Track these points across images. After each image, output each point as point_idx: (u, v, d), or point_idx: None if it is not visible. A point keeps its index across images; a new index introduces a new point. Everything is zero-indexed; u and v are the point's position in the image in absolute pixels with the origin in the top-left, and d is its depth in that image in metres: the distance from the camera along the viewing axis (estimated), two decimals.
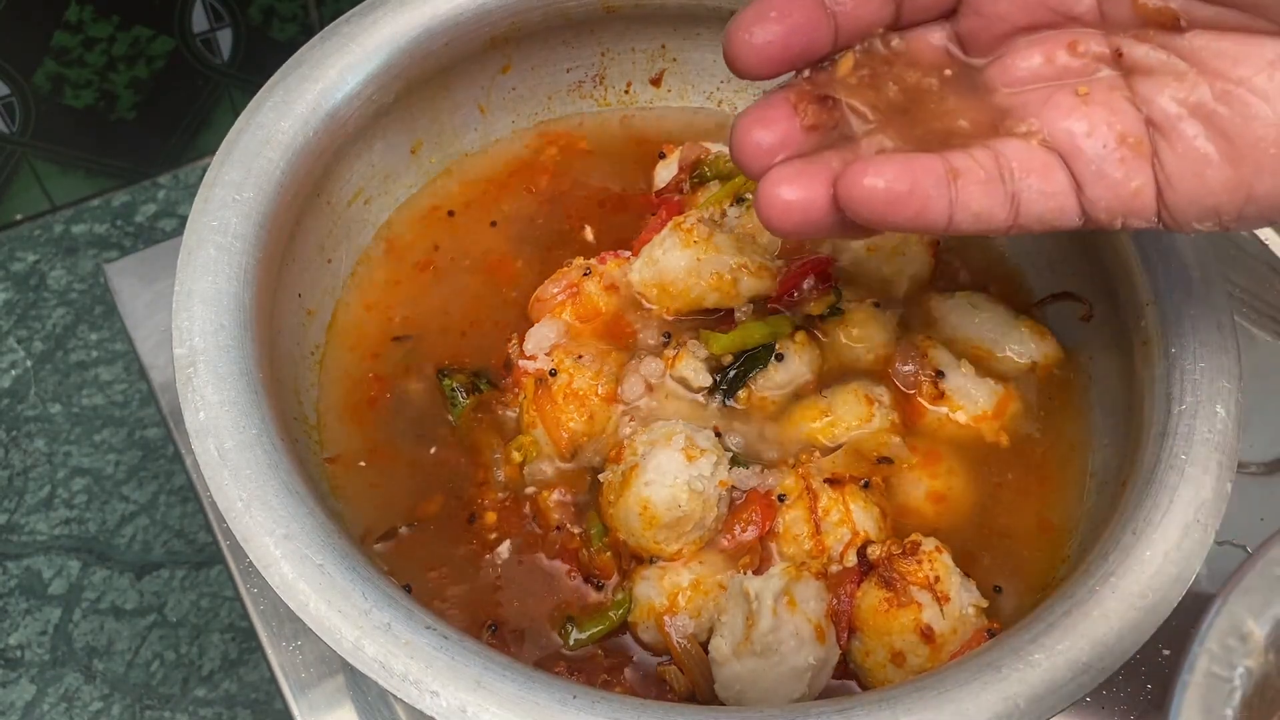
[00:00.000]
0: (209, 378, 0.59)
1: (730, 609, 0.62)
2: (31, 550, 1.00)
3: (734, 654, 0.61)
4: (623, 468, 0.66)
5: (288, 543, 0.55)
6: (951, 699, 0.53)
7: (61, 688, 0.94)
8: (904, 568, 0.63)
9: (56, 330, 1.11)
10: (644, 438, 0.67)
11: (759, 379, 0.72)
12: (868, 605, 0.63)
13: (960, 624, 0.62)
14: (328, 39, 0.73)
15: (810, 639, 0.61)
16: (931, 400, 0.72)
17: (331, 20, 0.74)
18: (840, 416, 0.71)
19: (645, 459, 0.65)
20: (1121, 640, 0.55)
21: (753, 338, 0.72)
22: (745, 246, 0.73)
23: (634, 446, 0.66)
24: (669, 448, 0.64)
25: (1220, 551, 0.82)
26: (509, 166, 0.85)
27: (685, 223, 0.73)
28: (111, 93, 1.11)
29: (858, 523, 0.65)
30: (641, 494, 0.63)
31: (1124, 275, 0.71)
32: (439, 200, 0.82)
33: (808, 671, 0.61)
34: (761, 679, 0.60)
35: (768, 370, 0.72)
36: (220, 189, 0.66)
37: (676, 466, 0.64)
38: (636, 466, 0.64)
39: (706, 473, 0.64)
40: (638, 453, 0.65)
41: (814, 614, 0.62)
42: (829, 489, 0.66)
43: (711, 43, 0.85)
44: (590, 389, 0.70)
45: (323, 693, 0.75)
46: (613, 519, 0.66)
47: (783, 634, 0.60)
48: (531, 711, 0.51)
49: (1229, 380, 0.64)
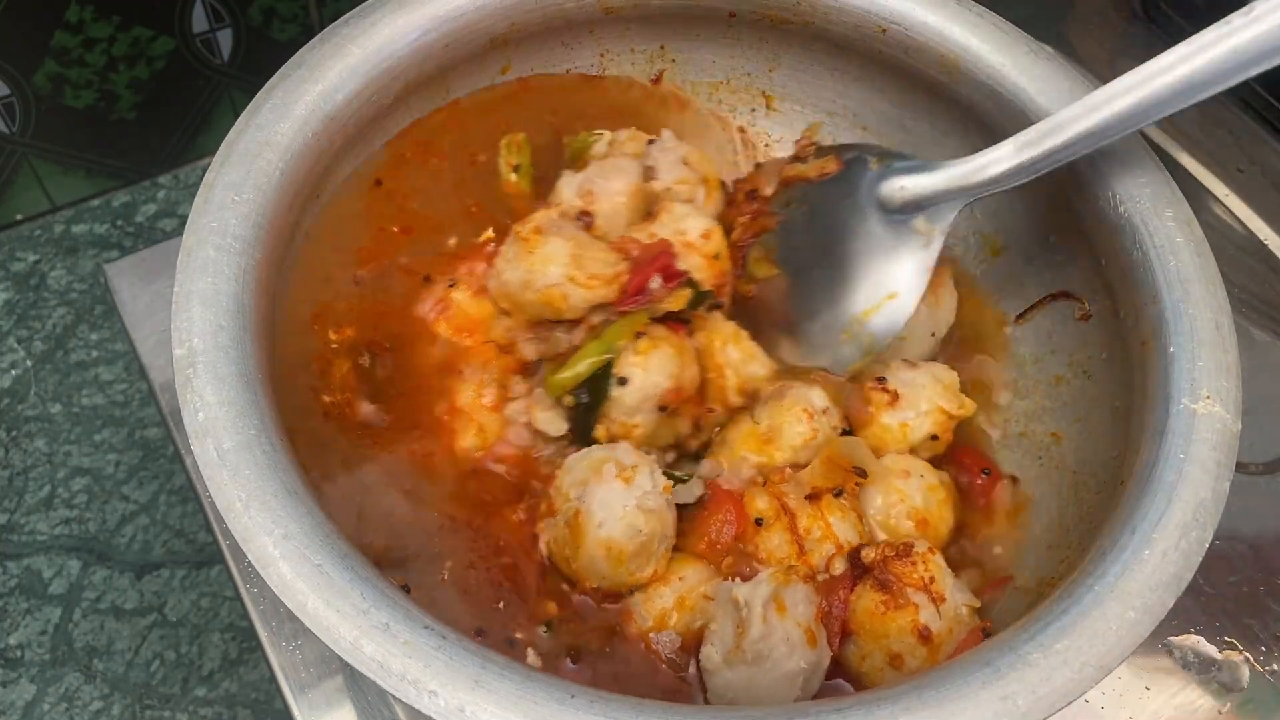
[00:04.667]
0: (208, 378, 0.59)
1: (719, 617, 0.62)
2: (31, 550, 1.00)
3: (725, 662, 0.60)
4: (563, 519, 0.63)
5: (286, 543, 0.55)
6: (950, 699, 0.53)
7: (61, 688, 0.94)
8: (899, 569, 0.62)
9: (56, 330, 1.11)
10: (569, 479, 0.64)
11: (610, 409, 0.67)
12: (863, 608, 0.62)
13: (955, 624, 0.62)
14: (327, 40, 0.73)
15: (801, 643, 0.61)
16: (887, 406, 0.71)
17: (332, 21, 0.74)
18: (783, 441, 0.69)
19: (584, 501, 0.63)
20: (1120, 640, 0.55)
21: (584, 362, 0.66)
22: (585, 251, 0.68)
23: (563, 492, 0.64)
24: (603, 481, 0.63)
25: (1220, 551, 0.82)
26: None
27: (524, 230, 0.70)
28: (112, 93, 1.11)
29: (840, 535, 0.65)
30: (600, 537, 0.62)
31: (1123, 274, 0.71)
32: None
33: (799, 676, 0.60)
34: (754, 686, 0.60)
35: (614, 398, 0.67)
36: (220, 190, 0.66)
37: (619, 496, 0.62)
38: (579, 512, 0.62)
39: (649, 486, 0.63)
40: (570, 497, 0.63)
41: (803, 618, 0.61)
42: (808, 506, 0.66)
43: (711, 43, 0.85)
44: (474, 404, 0.68)
45: (323, 693, 0.75)
46: (579, 572, 0.64)
47: (774, 640, 0.60)
48: (530, 711, 0.51)
49: (1228, 379, 0.64)
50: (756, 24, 0.83)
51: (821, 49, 0.83)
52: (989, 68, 0.77)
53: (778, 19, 0.82)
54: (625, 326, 0.67)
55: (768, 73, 0.87)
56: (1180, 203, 0.70)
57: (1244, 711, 0.76)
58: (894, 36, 0.79)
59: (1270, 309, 0.95)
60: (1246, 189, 1.02)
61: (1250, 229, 1.00)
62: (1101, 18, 1.14)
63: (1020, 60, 0.77)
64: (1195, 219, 0.70)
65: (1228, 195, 1.02)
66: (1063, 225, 0.77)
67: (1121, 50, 1.11)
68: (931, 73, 0.80)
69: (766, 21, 0.83)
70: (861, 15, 0.80)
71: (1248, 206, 1.01)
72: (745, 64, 0.87)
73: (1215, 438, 0.62)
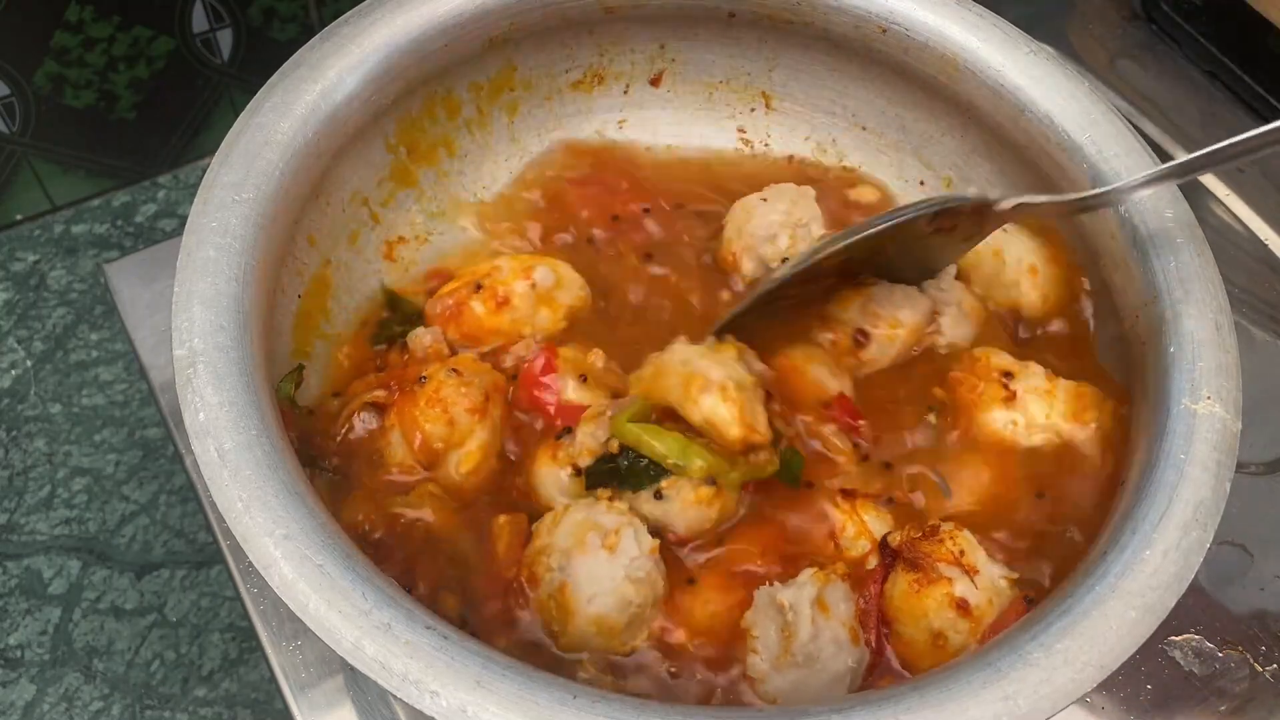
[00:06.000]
0: (209, 378, 0.59)
1: (761, 623, 0.61)
2: (31, 550, 1.00)
3: (774, 668, 0.60)
4: (548, 590, 0.61)
5: (287, 543, 0.55)
6: (951, 698, 0.53)
7: (61, 688, 0.93)
8: (927, 548, 0.62)
9: (56, 330, 1.11)
10: (554, 544, 0.62)
11: (626, 494, 0.64)
12: (899, 592, 0.62)
13: (995, 595, 0.61)
14: (327, 40, 0.73)
15: (847, 643, 0.61)
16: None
17: (332, 21, 0.74)
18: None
19: (570, 574, 0.61)
20: (1121, 640, 0.55)
21: (663, 444, 0.63)
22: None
23: (545, 563, 0.62)
24: (587, 553, 0.61)
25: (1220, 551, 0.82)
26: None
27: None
28: (112, 93, 1.11)
29: (874, 531, 0.65)
30: (590, 613, 0.60)
31: (1122, 274, 0.71)
32: None
33: (847, 675, 0.60)
34: (804, 688, 0.60)
35: (638, 494, 0.64)
36: (219, 190, 0.66)
37: (606, 568, 0.61)
38: (566, 586, 0.61)
39: (635, 552, 0.61)
40: (553, 568, 0.62)
41: (846, 616, 0.61)
42: (841, 503, 0.66)
43: (710, 43, 0.85)
44: (455, 398, 0.67)
45: (323, 693, 0.75)
46: (570, 646, 0.62)
47: (822, 641, 0.60)
48: (531, 711, 0.51)
49: (1228, 379, 0.64)
50: (756, 24, 0.83)
51: (821, 49, 0.83)
52: (989, 67, 0.77)
53: (777, 19, 0.82)
54: (726, 464, 0.64)
55: (767, 73, 0.87)
56: (1180, 203, 0.70)
57: (1244, 711, 0.76)
58: (894, 36, 0.79)
59: (1270, 309, 0.95)
60: (1246, 189, 1.02)
61: (1250, 229, 1.00)
62: (1101, 18, 1.14)
63: (1020, 60, 0.77)
64: (1195, 219, 0.70)
65: (1228, 195, 1.02)
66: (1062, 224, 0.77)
67: (1121, 50, 1.11)
68: (931, 73, 0.80)
69: (766, 21, 0.83)
70: (861, 15, 0.80)
71: (1248, 206, 1.01)
72: (745, 64, 0.87)
73: (1215, 437, 0.62)
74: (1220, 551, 0.82)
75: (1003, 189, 0.80)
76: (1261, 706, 0.77)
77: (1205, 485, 0.60)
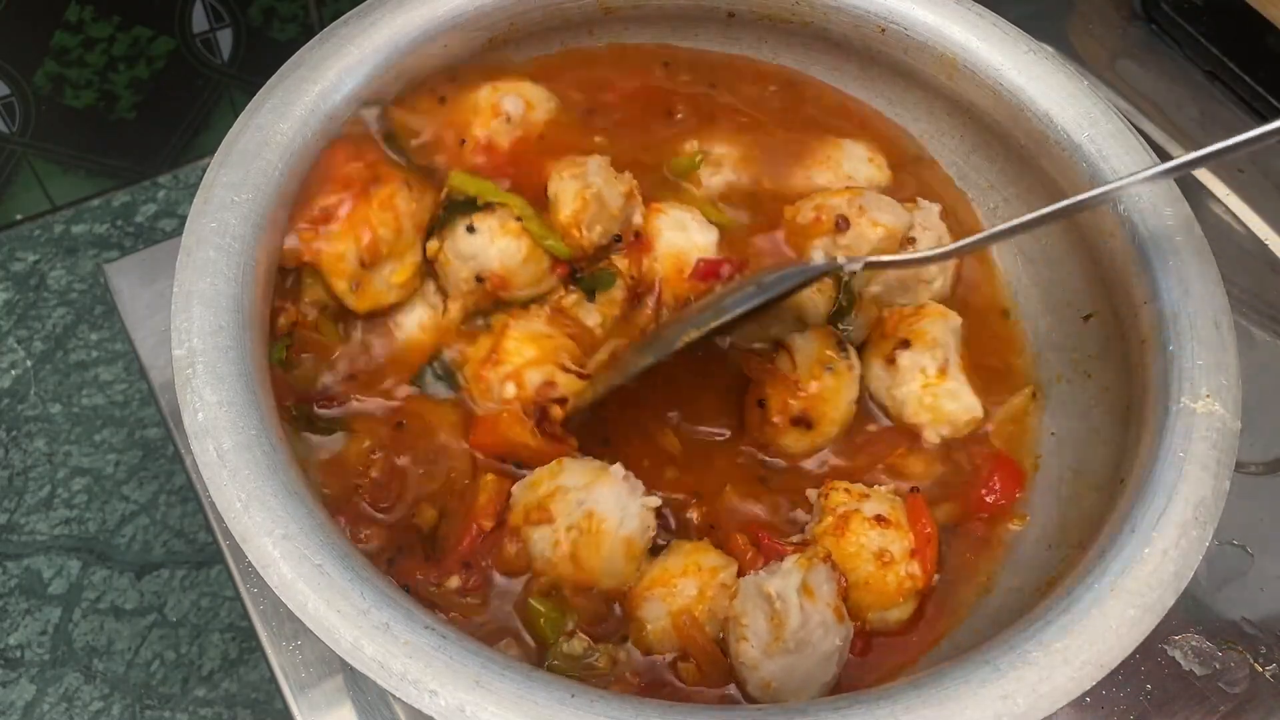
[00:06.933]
0: (208, 378, 0.59)
1: (749, 611, 0.62)
2: (31, 550, 1.00)
3: (765, 655, 0.61)
4: (568, 522, 0.63)
5: (286, 543, 0.55)
6: (950, 697, 0.53)
7: (61, 688, 0.94)
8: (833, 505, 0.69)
9: (56, 330, 1.11)
10: (567, 483, 0.65)
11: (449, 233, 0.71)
12: (840, 554, 0.66)
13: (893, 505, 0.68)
14: (326, 40, 0.73)
15: (833, 623, 0.62)
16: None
17: (332, 21, 0.74)
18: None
19: (591, 504, 0.63)
20: (1120, 639, 0.55)
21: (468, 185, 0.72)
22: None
23: (562, 501, 0.64)
24: (611, 483, 0.64)
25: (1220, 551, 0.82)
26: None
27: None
28: (112, 93, 1.11)
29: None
30: (621, 535, 0.63)
31: (1122, 273, 0.71)
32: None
33: (835, 653, 0.62)
34: (795, 673, 0.61)
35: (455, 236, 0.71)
36: (219, 190, 0.66)
37: (628, 496, 0.64)
38: (592, 513, 0.63)
39: (640, 485, 0.65)
40: (572, 501, 0.64)
41: (830, 598, 0.62)
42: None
43: (710, 43, 0.85)
44: (407, 210, 0.71)
45: (323, 693, 0.75)
46: (590, 575, 0.64)
47: (811, 626, 0.61)
48: (530, 710, 0.51)
49: (1228, 378, 0.64)
50: (756, 24, 0.83)
51: (821, 49, 0.83)
52: (989, 67, 0.77)
53: (777, 19, 0.82)
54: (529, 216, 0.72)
55: None
56: (1180, 202, 0.70)
57: (1244, 711, 0.76)
58: (893, 36, 0.79)
59: (1270, 309, 0.95)
60: (1246, 189, 1.02)
61: (1250, 229, 1.00)
62: (1101, 18, 1.14)
63: (1020, 60, 0.77)
64: (1195, 219, 0.70)
65: (1228, 195, 1.02)
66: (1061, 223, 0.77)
67: (1121, 50, 1.11)
68: (931, 72, 0.80)
69: (766, 21, 0.83)
70: (861, 15, 0.80)
71: (1248, 206, 1.01)
72: None
73: (1215, 436, 0.62)
74: (1220, 551, 0.82)
75: (1003, 189, 0.81)
76: (1261, 706, 0.77)
77: (1205, 484, 0.60)
